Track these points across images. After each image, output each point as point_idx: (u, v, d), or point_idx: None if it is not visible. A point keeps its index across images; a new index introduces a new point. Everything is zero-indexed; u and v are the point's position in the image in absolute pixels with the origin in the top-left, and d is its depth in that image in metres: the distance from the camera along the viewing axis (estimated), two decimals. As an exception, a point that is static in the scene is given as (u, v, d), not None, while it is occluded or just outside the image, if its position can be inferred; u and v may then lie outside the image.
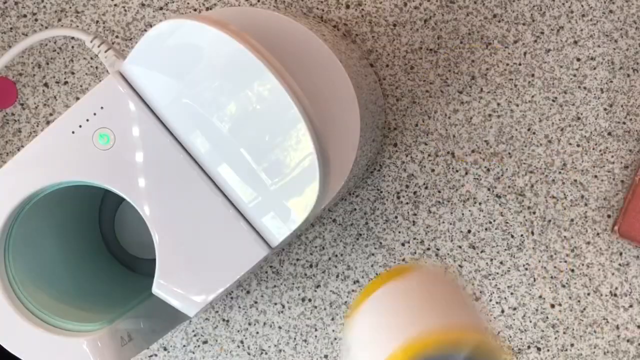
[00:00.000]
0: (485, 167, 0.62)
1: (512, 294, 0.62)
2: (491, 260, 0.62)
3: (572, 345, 0.62)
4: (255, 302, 0.63)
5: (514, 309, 0.62)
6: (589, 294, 0.62)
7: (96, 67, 0.63)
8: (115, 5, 0.62)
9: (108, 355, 0.45)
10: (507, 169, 0.62)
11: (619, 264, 0.61)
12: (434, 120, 0.62)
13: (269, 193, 0.44)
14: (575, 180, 0.62)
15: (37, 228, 0.49)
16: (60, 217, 0.50)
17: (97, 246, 0.56)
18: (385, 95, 0.62)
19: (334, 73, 0.50)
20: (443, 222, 0.62)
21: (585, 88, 0.61)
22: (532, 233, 0.62)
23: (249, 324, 0.63)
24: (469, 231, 0.62)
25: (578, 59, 0.61)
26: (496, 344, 0.42)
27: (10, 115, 0.63)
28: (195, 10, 0.63)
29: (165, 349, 0.63)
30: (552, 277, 0.62)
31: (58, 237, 0.51)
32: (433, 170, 0.62)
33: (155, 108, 0.44)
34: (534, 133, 0.62)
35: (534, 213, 0.62)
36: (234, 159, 0.44)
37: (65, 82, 0.63)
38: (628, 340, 0.62)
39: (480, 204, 0.62)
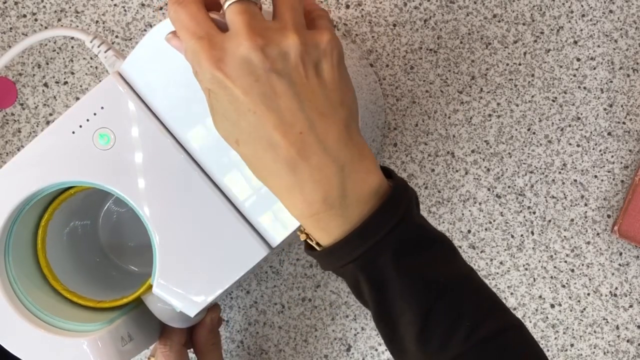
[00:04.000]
0: (485, 167, 0.62)
1: (512, 294, 0.62)
2: (491, 260, 0.62)
3: (572, 345, 0.62)
4: (255, 302, 0.63)
5: (514, 309, 0.62)
6: (589, 294, 0.62)
7: (96, 67, 0.62)
8: (115, 5, 0.62)
9: (108, 355, 0.45)
10: (507, 169, 0.62)
11: (619, 264, 0.61)
12: (434, 120, 0.62)
13: (269, 193, 0.44)
14: (575, 180, 0.62)
15: (37, 228, 0.49)
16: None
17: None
18: (385, 95, 0.62)
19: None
20: (443, 222, 0.62)
21: (585, 88, 0.61)
22: (532, 233, 0.62)
23: (249, 324, 0.63)
24: (469, 231, 0.62)
25: (578, 59, 0.61)
26: None
27: (10, 115, 0.63)
28: (195, 10, 0.62)
29: (165, 349, 0.63)
30: (552, 277, 0.62)
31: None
32: (433, 170, 0.62)
33: (155, 108, 0.44)
34: (534, 133, 0.62)
35: (534, 213, 0.62)
36: (233, 159, 0.44)
37: (65, 82, 0.62)
38: (628, 340, 0.62)
39: (480, 204, 0.62)
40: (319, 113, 0.36)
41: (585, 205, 0.62)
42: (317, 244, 0.40)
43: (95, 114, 0.44)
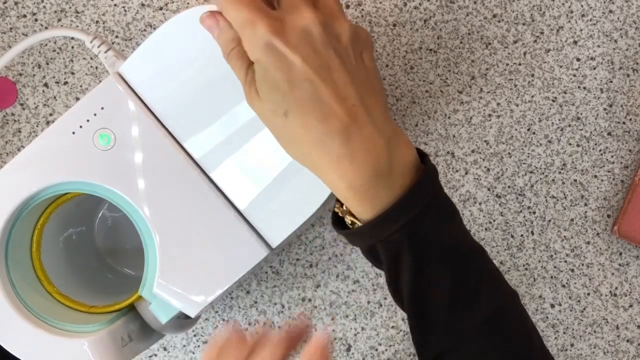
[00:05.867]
0: (485, 167, 0.62)
1: (512, 293, 0.62)
2: (491, 260, 0.62)
3: (572, 345, 0.62)
4: (255, 302, 0.63)
5: (514, 308, 0.62)
6: (589, 294, 0.62)
7: (96, 67, 0.62)
8: (115, 5, 0.62)
9: (108, 355, 0.45)
10: (507, 169, 0.62)
11: (619, 264, 0.61)
12: (434, 120, 0.62)
13: (269, 193, 0.44)
14: (575, 180, 0.62)
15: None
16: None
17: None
18: (385, 96, 0.62)
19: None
20: (443, 222, 0.62)
21: (585, 88, 0.61)
22: (532, 233, 0.62)
23: (249, 324, 0.63)
24: (469, 231, 0.62)
25: (578, 59, 0.61)
26: None
27: (10, 115, 0.63)
28: (195, 10, 0.62)
29: (165, 349, 0.63)
30: (552, 277, 0.62)
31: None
32: (433, 170, 0.62)
33: (155, 109, 0.44)
34: (534, 133, 0.62)
35: (534, 213, 0.62)
36: (234, 159, 0.44)
37: (65, 82, 0.62)
38: (628, 340, 0.62)
39: (480, 204, 0.62)
40: (366, 91, 0.38)
41: (585, 205, 0.62)
42: (352, 222, 0.41)
43: (95, 115, 0.44)
